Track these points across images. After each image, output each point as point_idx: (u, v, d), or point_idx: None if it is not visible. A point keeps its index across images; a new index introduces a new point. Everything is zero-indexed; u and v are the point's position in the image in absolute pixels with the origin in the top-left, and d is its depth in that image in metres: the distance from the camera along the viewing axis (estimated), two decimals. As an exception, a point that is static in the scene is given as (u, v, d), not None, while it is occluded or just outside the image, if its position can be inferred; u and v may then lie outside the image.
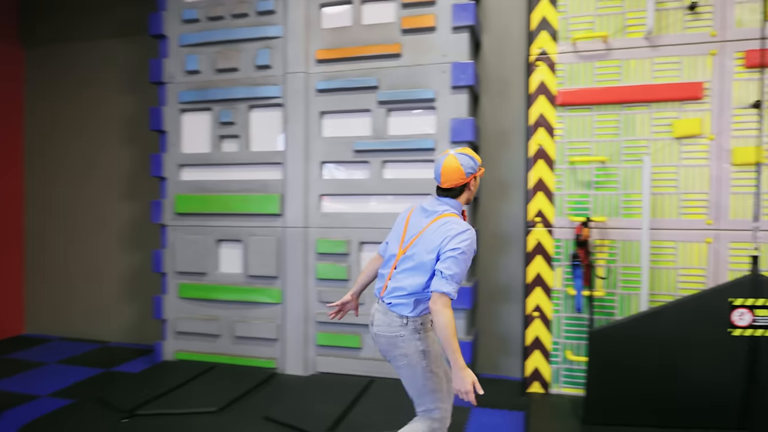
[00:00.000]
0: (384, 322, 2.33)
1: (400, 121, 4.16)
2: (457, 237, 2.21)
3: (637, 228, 3.66)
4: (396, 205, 4.15)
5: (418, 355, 2.30)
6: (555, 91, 3.82)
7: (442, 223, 2.28)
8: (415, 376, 2.33)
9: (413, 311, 2.29)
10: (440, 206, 2.37)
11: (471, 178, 2.36)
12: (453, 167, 2.33)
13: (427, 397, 2.36)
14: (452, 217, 2.30)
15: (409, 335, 2.29)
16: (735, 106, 3.53)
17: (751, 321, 3.09)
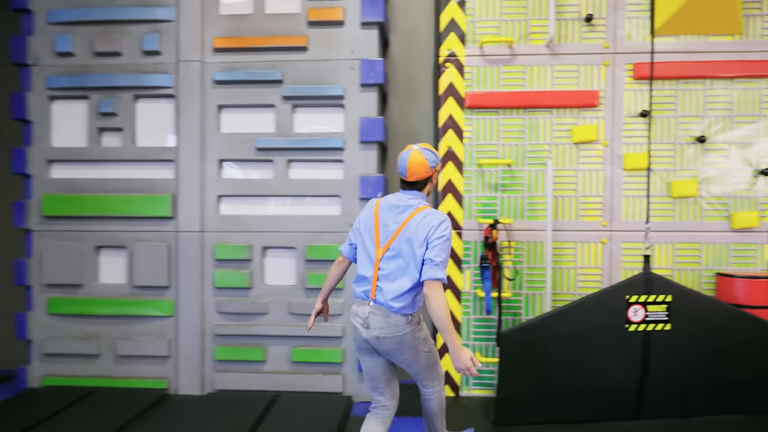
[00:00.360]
0: (388, 323, 2.39)
1: (307, 118, 3.94)
2: (441, 226, 2.37)
3: (541, 229, 3.77)
4: (303, 208, 3.91)
5: (421, 343, 2.49)
6: (463, 93, 3.82)
7: (423, 216, 2.40)
8: (419, 361, 2.52)
9: (414, 307, 2.42)
10: (412, 200, 2.48)
11: (434, 171, 2.52)
12: (419, 162, 2.46)
13: (430, 372, 2.61)
14: (429, 209, 2.45)
15: (413, 329, 2.43)
16: (626, 115, 3.75)
17: (644, 316, 3.28)
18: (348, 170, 3.85)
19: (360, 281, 2.50)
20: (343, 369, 3.86)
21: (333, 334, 3.84)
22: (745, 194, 3.72)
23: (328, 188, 3.87)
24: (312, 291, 3.85)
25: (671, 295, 3.28)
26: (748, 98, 3.71)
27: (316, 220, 3.87)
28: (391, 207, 2.49)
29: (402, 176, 2.50)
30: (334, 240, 3.83)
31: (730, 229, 3.72)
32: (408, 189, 2.51)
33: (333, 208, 3.91)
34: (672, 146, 3.74)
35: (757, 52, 3.69)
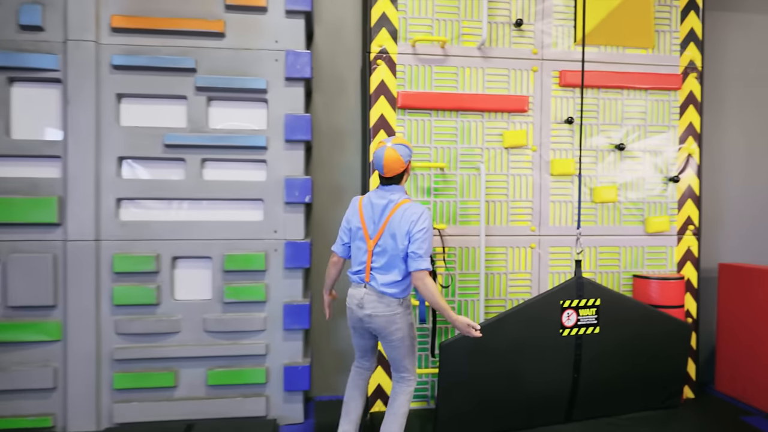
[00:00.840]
0: (381, 303, 2.66)
1: (224, 112, 3.53)
2: (420, 219, 2.59)
3: (473, 235, 3.70)
4: (220, 212, 3.50)
5: (408, 327, 2.73)
6: (395, 92, 3.64)
7: (403, 210, 2.63)
8: (404, 345, 2.73)
9: (404, 293, 2.68)
10: (392, 194, 2.71)
11: (408, 165, 2.74)
12: (394, 158, 2.67)
13: (408, 360, 2.78)
14: (409, 202, 2.67)
15: (403, 311, 2.69)
16: (553, 121, 3.80)
17: (576, 321, 3.32)
18: (271, 171, 3.51)
19: (356, 272, 2.76)
20: (267, 390, 3.51)
21: (255, 353, 3.47)
22: (657, 200, 3.93)
23: (248, 191, 3.50)
24: (231, 306, 3.46)
25: (600, 299, 3.35)
26: (659, 109, 3.92)
27: (235, 226, 3.48)
28: (374, 204, 2.72)
29: (380, 173, 2.71)
30: (256, 248, 3.47)
31: (644, 233, 3.91)
32: (387, 184, 2.74)
33: (254, 213, 3.54)
34: (594, 153, 3.86)
35: (666, 66, 3.91)
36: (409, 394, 2.82)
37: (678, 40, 3.94)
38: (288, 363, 3.52)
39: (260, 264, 3.47)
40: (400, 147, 2.68)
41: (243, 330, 3.47)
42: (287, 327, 3.49)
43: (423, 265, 2.54)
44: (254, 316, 3.48)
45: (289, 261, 3.50)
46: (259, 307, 3.50)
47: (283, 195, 3.50)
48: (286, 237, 3.51)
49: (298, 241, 3.50)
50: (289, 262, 3.50)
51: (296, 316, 3.49)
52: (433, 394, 3.68)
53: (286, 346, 3.53)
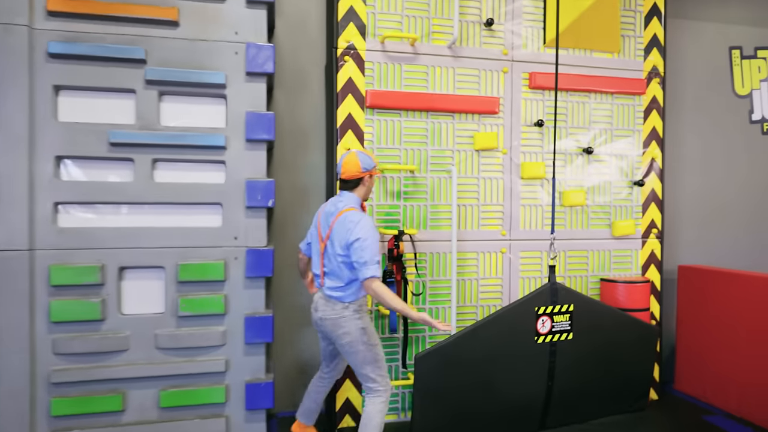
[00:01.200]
0: (328, 307, 2.78)
1: (178, 108, 3.24)
2: (355, 229, 2.64)
3: (444, 240, 3.57)
4: (174, 218, 3.20)
5: (359, 332, 2.73)
6: (364, 91, 3.46)
7: (342, 219, 2.72)
8: (357, 351, 2.73)
9: (351, 297, 2.74)
10: (340, 202, 2.82)
11: (366, 174, 2.82)
12: (352, 161, 2.81)
13: (369, 367, 2.75)
14: (349, 211, 2.73)
15: (350, 315, 2.73)
16: (523, 123, 3.74)
17: (550, 327, 3.26)
18: (231, 173, 3.25)
19: (316, 275, 2.89)
20: (227, 410, 3.24)
21: (213, 370, 3.20)
22: (623, 203, 3.95)
23: (206, 194, 3.22)
24: (187, 319, 3.17)
25: (573, 304, 3.30)
26: (625, 113, 3.95)
27: (190, 232, 3.19)
28: (327, 210, 2.87)
29: (339, 175, 2.81)
30: (214, 256, 3.19)
31: (611, 236, 3.91)
32: (343, 189, 2.85)
33: (212, 218, 3.27)
34: (563, 156, 3.82)
35: (631, 70, 3.94)
36: (379, 405, 2.75)
37: (642, 45, 3.97)
38: (250, 380, 3.26)
39: (219, 273, 3.20)
40: (362, 154, 2.81)
41: (200, 345, 3.19)
42: (249, 341, 3.24)
43: (367, 274, 2.58)
44: (212, 330, 3.21)
45: (251, 270, 3.25)
46: (217, 321, 3.23)
47: (244, 199, 3.25)
48: (248, 244, 3.26)
49: (261, 249, 3.26)
50: (250, 271, 3.25)
51: (258, 329, 3.25)
52: (405, 406, 3.53)
53: (248, 361, 3.27)
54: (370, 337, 2.75)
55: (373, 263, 2.60)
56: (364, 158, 2.80)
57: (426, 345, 3.56)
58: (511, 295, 3.70)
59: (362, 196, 2.85)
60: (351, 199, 2.81)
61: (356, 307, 2.74)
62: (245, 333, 3.24)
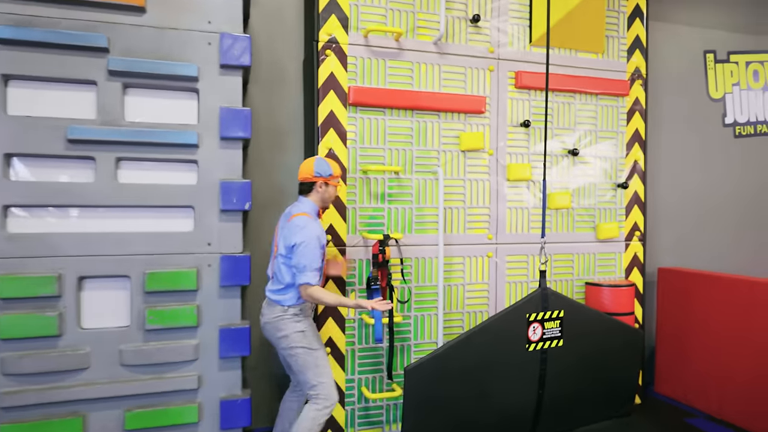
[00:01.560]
0: (268, 311, 2.76)
1: (144, 102, 2.97)
2: (300, 232, 2.64)
3: (430, 244, 3.43)
4: (140, 222, 2.93)
5: (297, 335, 2.68)
6: (347, 87, 3.27)
7: (291, 223, 2.71)
8: (296, 354, 2.68)
9: (291, 300, 2.71)
10: (294, 207, 2.82)
11: (320, 180, 2.79)
12: (307, 164, 2.82)
13: (310, 373, 2.68)
14: (299, 216, 2.71)
15: (289, 319, 2.70)
16: (509, 124, 3.63)
17: (541, 334, 3.16)
18: (204, 174, 3.00)
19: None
20: (200, 429, 3.00)
21: (184, 387, 2.95)
22: (607, 206, 3.90)
23: (176, 197, 2.96)
24: (155, 333, 2.91)
25: (563, 310, 3.22)
26: (609, 115, 3.90)
27: (159, 238, 2.93)
28: (283, 214, 2.86)
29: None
30: (185, 264, 2.94)
31: (596, 239, 3.86)
32: (300, 194, 2.85)
33: (183, 222, 3.01)
34: (549, 158, 3.74)
35: (615, 71, 3.90)
36: (313, 411, 2.65)
37: (625, 46, 3.94)
38: (225, 396, 3.03)
39: (191, 282, 2.95)
40: (321, 160, 2.80)
41: (170, 361, 2.93)
42: (224, 355, 3.00)
43: (302, 280, 2.61)
44: (184, 344, 2.95)
45: (226, 278, 3.01)
46: (189, 333, 2.98)
47: (218, 201, 3.01)
48: (222, 250, 3.02)
49: (236, 255, 3.02)
50: (225, 280, 3.01)
51: (234, 341, 3.02)
52: (390, 419, 3.37)
53: (223, 377, 3.03)
54: (310, 341, 2.69)
55: (311, 270, 2.61)
56: (320, 163, 2.79)
57: (411, 354, 3.41)
58: (498, 301, 3.59)
59: (318, 203, 2.82)
60: (306, 205, 2.78)
61: (296, 310, 2.70)
62: (220, 346, 3.01)
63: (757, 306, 3.48)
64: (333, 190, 2.86)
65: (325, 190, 2.81)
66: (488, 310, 3.58)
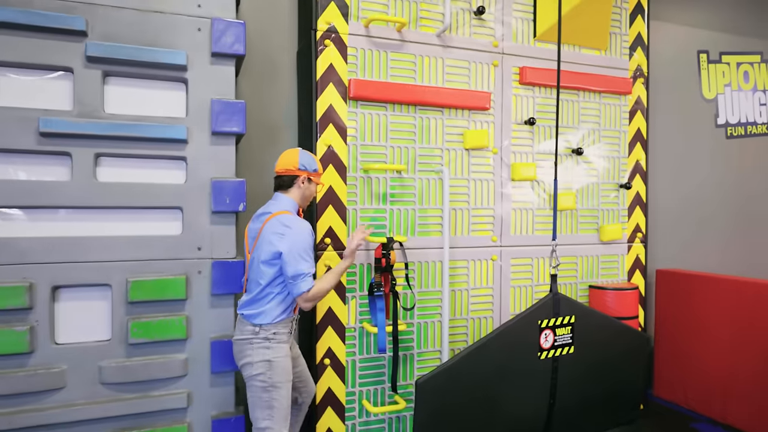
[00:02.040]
0: (239, 329, 2.42)
1: (127, 93, 2.69)
2: (287, 236, 2.31)
3: (434, 247, 3.25)
4: (122, 225, 2.66)
5: (262, 365, 2.33)
6: (347, 80, 3.06)
7: (270, 225, 2.37)
8: (252, 387, 2.34)
9: (265, 318, 2.36)
10: (272, 205, 2.48)
11: (303, 174, 2.49)
12: (289, 155, 2.53)
13: (259, 412, 2.33)
14: (281, 215, 2.37)
15: (258, 343, 2.35)
16: (513, 121, 3.49)
17: (553, 341, 3.02)
18: (193, 172, 2.75)
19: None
20: (190, 452, 2.73)
21: (173, 406, 2.68)
22: (610, 207, 3.80)
23: (162, 197, 2.70)
24: (140, 347, 2.64)
25: (575, 316, 3.09)
26: (612, 113, 3.80)
27: (144, 242, 2.66)
28: (255, 215, 2.55)
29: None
30: (173, 271, 2.68)
31: (599, 241, 3.75)
32: (276, 190, 2.53)
33: (171, 225, 2.75)
34: (552, 157, 3.61)
35: (618, 69, 3.80)
36: None
37: (627, 43, 3.85)
38: (217, 415, 2.77)
39: (179, 291, 2.69)
40: (306, 153, 2.54)
41: (156, 378, 2.66)
42: (216, 369, 2.75)
43: (301, 289, 2.31)
44: (172, 359, 2.69)
45: (218, 286, 2.76)
46: (177, 347, 2.72)
47: (209, 202, 2.75)
48: (213, 255, 2.77)
49: (229, 261, 2.78)
50: (217, 288, 2.76)
51: (227, 354, 2.76)
52: (392, 434, 3.17)
53: (214, 393, 2.78)
54: (274, 376, 2.33)
55: (309, 273, 2.33)
56: (305, 156, 2.52)
57: (415, 363, 3.22)
58: (502, 306, 3.44)
59: (299, 200, 2.50)
60: (286, 202, 2.47)
61: (268, 333, 2.36)
62: (211, 360, 2.76)
63: (760, 307, 3.43)
64: (314, 189, 2.58)
65: (307, 187, 2.52)
66: (493, 316, 3.42)
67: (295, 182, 2.49)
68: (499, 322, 3.42)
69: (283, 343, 2.39)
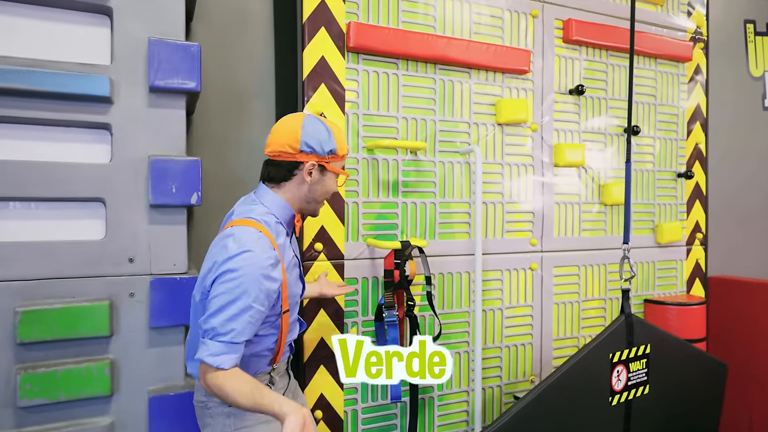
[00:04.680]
0: (195, 385, 1.59)
1: (19, 25, 1.78)
2: (225, 265, 1.38)
3: (460, 254, 2.43)
4: (11, 225, 1.73)
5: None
6: (344, 23, 2.21)
7: (216, 242, 1.48)
8: None
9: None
10: (243, 205, 1.58)
11: (310, 160, 1.53)
12: (288, 127, 1.54)
13: None
14: (239, 227, 1.45)
15: (217, 408, 1.50)
16: (556, 90, 2.70)
17: (626, 380, 2.24)
18: (122, 146, 1.85)
19: None
20: None
21: (90, 497, 1.77)
22: (666, 201, 3.06)
23: (75, 183, 1.79)
24: (35, 412, 1.72)
25: (650, 344, 2.32)
26: (668, 84, 3.06)
27: (43, 252, 1.75)
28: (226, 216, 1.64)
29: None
30: (90, 293, 1.79)
31: (655, 243, 3.01)
32: (263, 180, 1.60)
33: (86, 225, 1.84)
34: (602, 137, 2.85)
35: (675, 29, 3.06)
36: None
37: (685, -1, 3.12)
38: (158, 506, 1.87)
39: (99, 324, 1.79)
40: (316, 122, 1.55)
41: (63, 458, 1.75)
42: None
43: (203, 354, 1.36)
44: (86, 428, 1.78)
45: (160, 315, 1.87)
46: (97, 408, 1.82)
47: (146, 191, 1.86)
48: (153, 270, 1.88)
49: (177, 277, 1.89)
50: (159, 318, 1.87)
51: (174, 416, 1.87)
52: None
53: (156, 474, 1.88)
54: None
55: (229, 339, 1.36)
56: (315, 128, 1.53)
57: (435, 410, 2.39)
58: (544, 329, 2.65)
59: (295, 202, 1.57)
60: (268, 204, 1.55)
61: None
62: (150, 423, 1.86)
63: None
64: (332, 183, 1.63)
65: (318, 180, 1.57)
66: (533, 343, 2.63)
67: (296, 173, 1.55)
68: (540, 350, 2.63)
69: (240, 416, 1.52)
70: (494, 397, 2.53)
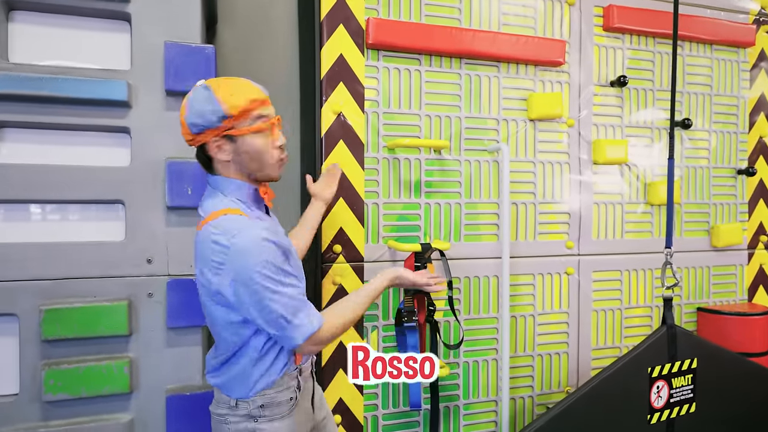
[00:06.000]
0: (215, 397, 1.53)
1: (41, 33, 1.84)
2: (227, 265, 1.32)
3: (487, 257, 2.32)
4: (33, 227, 1.81)
5: None
6: (363, 20, 2.15)
7: (203, 242, 1.37)
8: None
9: (240, 390, 1.44)
10: (207, 198, 1.46)
11: (208, 137, 1.38)
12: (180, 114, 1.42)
13: None
14: (215, 220, 1.35)
15: (237, 421, 1.45)
16: (595, 83, 2.52)
17: (668, 397, 2.05)
18: (140, 149, 1.88)
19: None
20: None
21: (110, 491, 1.81)
22: (724, 200, 2.80)
23: (94, 186, 1.84)
24: (60, 406, 1.79)
25: (696, 358, 2.11)
26: (726, 72, 2.79)
27: (65, 253, 1.82)
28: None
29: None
30: (109, 294, 1.83)
31: (710, 246, 2.75)
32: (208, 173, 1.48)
33: (107, 227, 1.90)
34: (649, 132, 2.63)
35: (734, 11, 2.79)
36: None
37: (747, -23, 2.83)
38: (176, 503, 1.90)
39: (119, 324, 1.84)
40: (194, 94, 1.38)
41: (84, 453, 1.81)
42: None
43: (298, 338, 1.35)
44: (107, 423, 1.83)
45: (177, 315, 1.90)
46: (117, 405, 1.86)
47: (163, 192, 1.88)
48: (171, 271, 1.91)
49: (194, 278, 1.90)
50: (176, 318, 1.90)
51: (191, 414, 1.89)
52: None
53: (173, 472, 1.91)
54: None
55: (299, 309, 1.35)
56: (194, 102, 1.36)
57: (461, 419, 2.30)
58: (581, 338, 2.49)
59: (240, 176, 1.43)
60: (225, 189, 1.42)
61: (253, 408, 1.43)
62: (167, 423, 1.89)
63: None
64: (257, 142, 1.41)
65: (236, 148, 1.39)
66: (568, 352, 2.47)
67: (210, 155, 1.42)
68: (576, 360, 2.47)
69: (282, 418, 1.46)
70: (525, 408, 2.40)
